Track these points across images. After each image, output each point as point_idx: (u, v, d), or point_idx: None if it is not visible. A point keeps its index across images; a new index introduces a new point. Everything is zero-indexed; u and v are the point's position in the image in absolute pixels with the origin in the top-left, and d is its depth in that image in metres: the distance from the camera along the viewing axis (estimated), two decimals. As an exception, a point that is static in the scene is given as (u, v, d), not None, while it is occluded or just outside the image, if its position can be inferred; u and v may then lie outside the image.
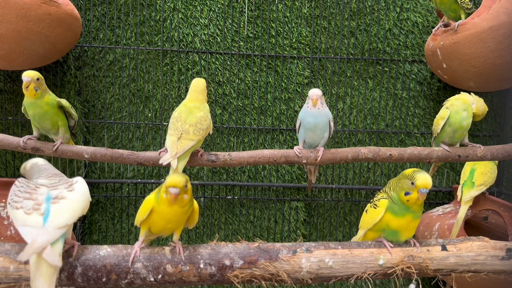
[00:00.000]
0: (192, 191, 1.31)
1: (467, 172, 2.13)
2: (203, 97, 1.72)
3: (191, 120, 1.61)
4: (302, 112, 1.77)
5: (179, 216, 1.31)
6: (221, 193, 2.43)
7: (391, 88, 2.46)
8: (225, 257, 1.35)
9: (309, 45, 2.40)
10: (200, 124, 1.61)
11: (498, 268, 1.43)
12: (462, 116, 1.81)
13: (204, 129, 1.62)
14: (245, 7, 2.37)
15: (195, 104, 1.68)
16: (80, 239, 2.36)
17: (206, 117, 1.65)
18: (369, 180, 2.49)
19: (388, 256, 1.40)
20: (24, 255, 1.11)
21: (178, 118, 1.63)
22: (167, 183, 1.23)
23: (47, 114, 1.70)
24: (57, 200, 1.24)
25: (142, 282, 1.30)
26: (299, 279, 1.37)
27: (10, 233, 1.86)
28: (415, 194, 1.34)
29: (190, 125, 1.59)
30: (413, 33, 2.44)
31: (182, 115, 1.63)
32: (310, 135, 1.76)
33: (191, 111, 1.65)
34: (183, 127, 1.59)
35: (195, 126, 1.59)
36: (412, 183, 1.34)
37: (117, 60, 2.34)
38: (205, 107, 1.70)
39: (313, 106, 1.70)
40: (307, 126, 1.75)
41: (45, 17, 1.84)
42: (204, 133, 1.61)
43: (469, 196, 2.03)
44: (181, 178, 1.24)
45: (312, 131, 1.75)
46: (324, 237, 2.49)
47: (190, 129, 1.58)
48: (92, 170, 2.38)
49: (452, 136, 1.84)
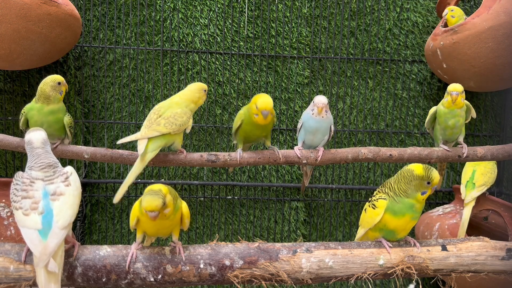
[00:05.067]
0: (174, 201, 1.27)
1: (469, 173, 2.13)
2: (193, 98, 1.70)
3: (166, 114, 1.60)
4: (305, 116, 1.78)
5: (165, 224, 1.30)
6: (221, 193, 2.43)
7: (391, 88, 2.46)
8: (225, 257, 1.35)
9: (309, 45, 2.40)
10: (173, 119, 1.59)
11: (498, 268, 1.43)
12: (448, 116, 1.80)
13: (178, 125, 1.60)
14: (245, 7, 2.37)
15: (178, 101, 1.67)
16: (80, 239, 2.36)
17: (183, 114, 1.63)
18: (369, 180, 2.49)
19: (388, 256, 1.40)
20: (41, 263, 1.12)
21: (156, 111, 1.63)
22: (144, 207, 1.20)
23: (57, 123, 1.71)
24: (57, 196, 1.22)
25: (142, 282, 1.30)
26: (299, 279, 1.37)
27: (10, 233, 1.86)
28: (429, 191, 1.39)
29: (163, 118, 1.59)
30: (413, 33, 2.44)
31: (161, 109, 1.63)
32: (311, 138, 1.78)
33: (171, 106, 1.64)
34: (157, 120, 1.59)
35: (168, 119, 1.59)
36: (428, 183, 1.37)
37: (117, 60, 2.34)
38: (187, 106, 1.67)
39: (318, 113, 1.72)
40: (309, 129, 1.76)
41: (45, 17, 1.84)
42: (176, 129, 1.59)
43: (471, 197, 2.04)
44: (157, 201, 1.19)
45: (313, 134, 1.77)
46: (324, 237, 2.49)
47: (161, 121, 1.58)
48: (92, 170, 2.38)
49: (444, 134, 1.84)
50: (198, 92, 1.70)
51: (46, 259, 1.12)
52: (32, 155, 1.29)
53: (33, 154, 1.29)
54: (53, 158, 1.31)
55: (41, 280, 1.14)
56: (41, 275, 1.14)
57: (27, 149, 1.31)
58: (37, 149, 1.30)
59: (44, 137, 1.33)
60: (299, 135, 1.83)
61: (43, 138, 1.32)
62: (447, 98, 1.79)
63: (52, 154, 1.33)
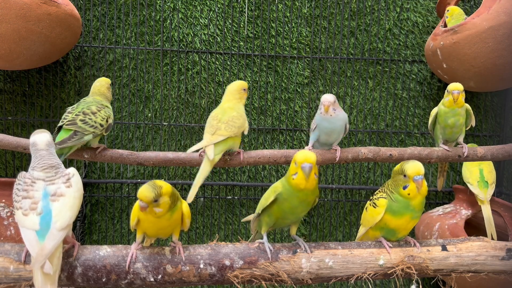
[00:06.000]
0: (172, 203, 1.27)
1: (476, 173, 2.13)
2: (237, 98, 1.79)
3: (224, 118, 1.70)
4: (317, 118, 1.77)
5: (163, 223, 1.29)
6: (221, 193, 2.43)
7: (391, 88, 2.46)
8: (225, 257, 1.35)
9: (309, 45, 2.40)
10: (232, 122, 1.69)
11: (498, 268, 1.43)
12: (448, 115, 1.81)
13: (237, 127, 1.69)
14: (245, 7, 2.37)
15: (229, 105, 1.76)
16: (80, 239, 2.36)
17: (239, 116, 1.73)
18: (369, 180, 2.49)
19: (388, 256, 1.40)
20: (37, 264, 1.12)
21: (214, 117, 1.73)
22: (138, 193, 1.21)
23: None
24: (56, 197, 1.21)
25: (142, 282, 1.30)
26: (299, 279, 1.37)
27: (10, 233, 1.86)
28: (412, 184, 1.34)
29: (222, 122, 1.69)
30: (413, 33, 2.44)
31: (218, 115, 1.73)
32: (325, 138, 1.78)
33: (225, 111, 1.73)
34: (218, 125, 1.69)
35: (227, 123, 1.68)
36: (405, 175, 1.35)
37: (117, 60, 2.34)
38: (239, 108, 1.77)
39: (325, 112, 1.71)
40: (324, 130, 1.76)
41: (45, 17, 1.84)
42: (236, 131, 1.68)
43: (489, 196, 2.06)
44: (149, 193, 1.20)
45: (328, 134, 1.77)
46: (324, 237, 2.49)
47: (222, 126, 1.68)
48: (92, 170, 2.38)
49: (444, 133, 1.85)
50: (238, 93, 1.79)
51: (43, 261, 1.12)
52: (35, 156, 1.29)
53: (37, 155, 1.29)
54: (57, 159, 1.31)
55: (38, 281, 1.14)
56: (38, 276, 1.14)
57: (31, 150, 1.31)
58: (41, 151, 1.30)
59: (49, 139, 1.33)
60: (312, 135, 1.82)
61: (48, 140, 1.33)
62: (447, 97, 1.79)
63: (56, 156, 1.33)
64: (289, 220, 1.43)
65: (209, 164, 1.64)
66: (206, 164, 1.64)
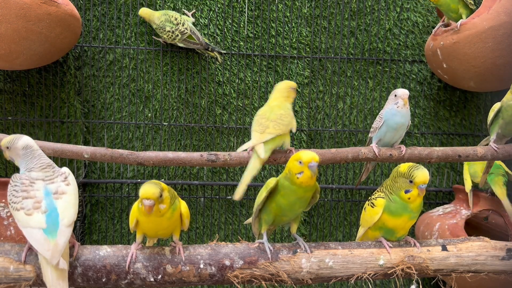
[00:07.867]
0: (171, 199, 1.27)
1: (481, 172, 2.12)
2: (285, 97, 1.80)
3: (272, 117, 1.71)
4: (389, 113, 1.78)
5: (163, 223, 1.29)
6: (221, 193, 2.43)
7: (391, 88, 2.45)
8: (225, 257, 1.35)
9: (309, 45, 2.40)
10: (280, 120, 1.71)
11: (498, 268, 1.43)
12: None
13: (285, 125, 1.71)
14: (245, 7, 2.37)
15: (276, 103, 1.78)
16: (80, 239, 2.36)
17: (287, 114, 1.74)
18: (369, 180, 2.49)
19: (388, 256, 1.40)
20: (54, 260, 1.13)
21: (262, 116, 1.74)
22: (141, 194, 1.20)
23: None
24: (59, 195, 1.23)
25: (142, 282, 1.30)
26: (299, 279, 1.37)
27: (10, 233, 1.86)
28: (415, 190, 1.36)
29: (271, 121, 1.71)
30: (413, 33, 2.44)
31: (266, 114, 1.74)
32: (392, 135, 1.80)
33: (272, 109, 1.75)
34: (266, 123, 1.71)
35: (275, 121, 1.70)
36: (411, 181, 1.35)
37: (117, 60, 2.34)
38: (286, 106, 1.78)
39: (403, 105, 1.74)
40: (393, 126, 1.78)
41: (45, 17, 1.84)
42: (284, 128, 1.70)
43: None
44: (154, 189, 1.20)
45: (396, 130, 1.79)
46: (324, 237, 2.49)
47: (270, 124, 1.69)
48: (92, 170, 2.38)
49: (504, 128, 1.83)
50: (286, 91, 1.80)
51: (58, 257, 1.13)
52: (33, 156, 1.30)
53: (34, 156, 1.30)
54: (49, 159, 1.33)
55: (49, 279, 1.14)
56: (48, 274, 1.14)
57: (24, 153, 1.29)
58: (37, 151, 1.31)
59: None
60: (376, 134, 1.83)
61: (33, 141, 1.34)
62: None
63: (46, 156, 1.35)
64: (288, 217, 1.44)
65: (258, 162, 1.66)
66: (255, 162, 1.67)
